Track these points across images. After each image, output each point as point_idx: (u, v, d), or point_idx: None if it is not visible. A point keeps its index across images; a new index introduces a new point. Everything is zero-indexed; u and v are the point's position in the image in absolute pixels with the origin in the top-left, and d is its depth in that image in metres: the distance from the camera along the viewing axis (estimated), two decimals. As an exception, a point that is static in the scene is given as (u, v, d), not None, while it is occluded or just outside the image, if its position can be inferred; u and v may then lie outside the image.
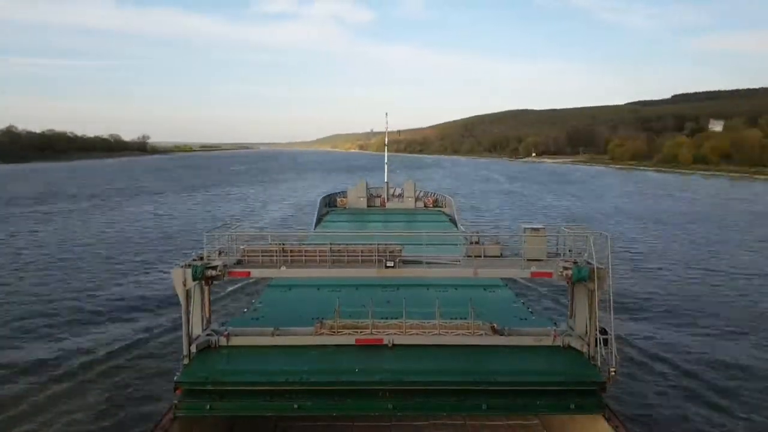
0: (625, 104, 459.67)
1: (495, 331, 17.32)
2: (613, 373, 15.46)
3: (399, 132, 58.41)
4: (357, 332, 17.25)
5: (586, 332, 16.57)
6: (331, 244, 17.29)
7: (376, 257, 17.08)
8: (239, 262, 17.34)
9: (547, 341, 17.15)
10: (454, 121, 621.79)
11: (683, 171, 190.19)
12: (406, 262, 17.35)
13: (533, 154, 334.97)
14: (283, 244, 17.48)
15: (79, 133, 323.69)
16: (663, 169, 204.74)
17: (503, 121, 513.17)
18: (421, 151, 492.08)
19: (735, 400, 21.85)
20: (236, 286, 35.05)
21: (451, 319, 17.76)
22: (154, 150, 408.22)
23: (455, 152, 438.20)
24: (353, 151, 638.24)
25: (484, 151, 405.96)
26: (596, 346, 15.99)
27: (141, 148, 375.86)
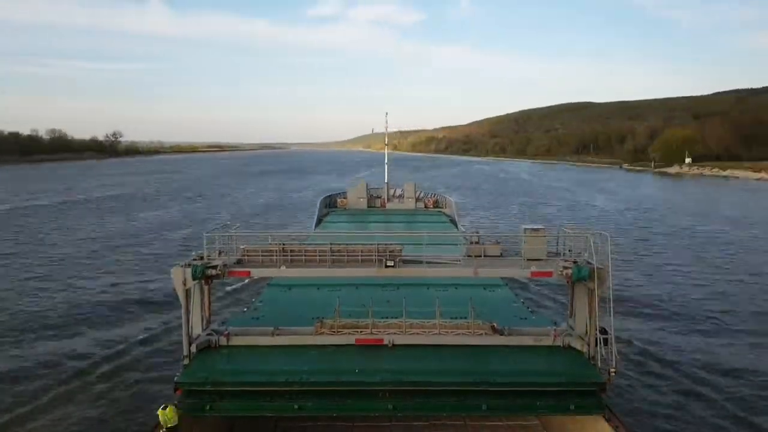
0: (712, 95, 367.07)
1: (495, 331, 17.31)
2: (613, 373, 15.46)
3: (399, 132, 58.24)
4: (357, 332, 17.25)
5: (586, 332, 16.56)
6: (331, 244, 17.29)
7: (376, 257, 17.09)
8: (239, 262, 17.34)
9: (547, 341, 17.14)
10: (501, 116, 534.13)
11: None
12: (406, 262, 17.35)
13: (687, 160, 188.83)
14: (283, 244, 17.49)
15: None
16: None
17: (562, 115, 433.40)
18: (467, 152, 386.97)
19: (736, 401, 21.83)
20: (236, 285, 35.07)
21: (451, 318, 17.75)
22: (135, 150, 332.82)
23: (520, 154, 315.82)
24: (373, 151, 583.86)
25: (571, 152, 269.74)
26: (596, 346, 15.99)
27: (100, 148, 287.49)
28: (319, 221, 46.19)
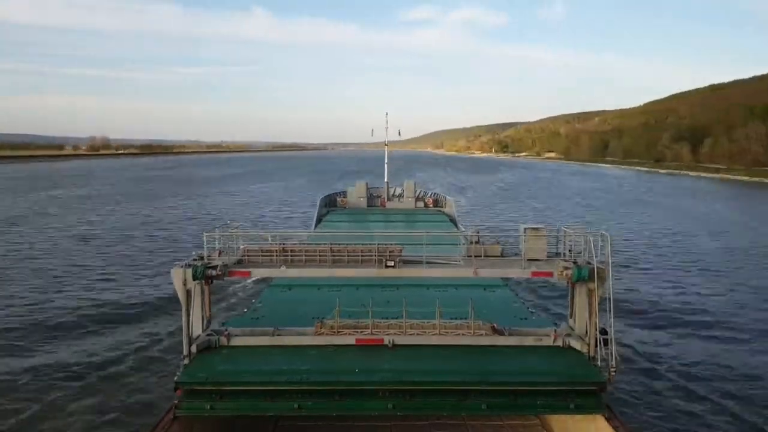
0: None
1: (495, 331, 17.32)
2: (614, 373, 15.48)
3: (399, 131, 58.25)
4: (357, 332, 17.26)
5: (586, 332, 16.58)
6: (331, 244, 17.30)
7: (376, 257, 17.10)
8: (239, 262, 17.35)
9: (548, 341, 17.15)
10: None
11: None
12: (406, 262, 17.36)
13: None
14: (284, 244, 17.50)
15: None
16: None
17: None
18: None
19: (736, 400, 21.86)
20: (236, 286, 35.10)
21: (451, 319, 17.76)
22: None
23: None
24: (456, 153, 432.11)
25: None
26: (596, 346, 16.01)
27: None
28: (319, 220, 46.24)
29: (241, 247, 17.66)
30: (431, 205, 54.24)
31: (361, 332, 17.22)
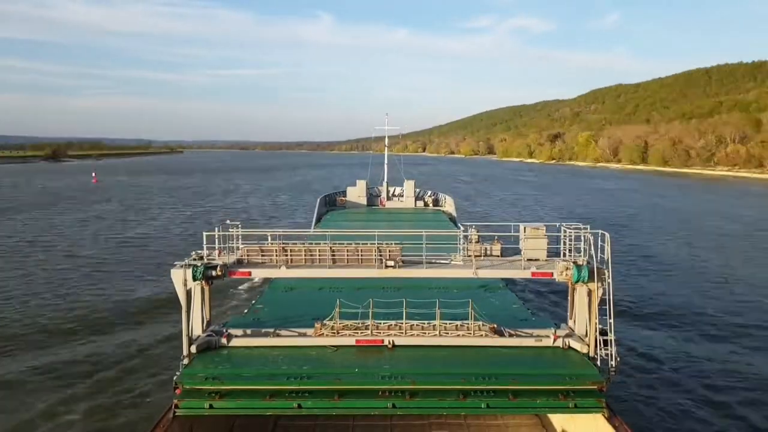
0: None
1: (495, 332, 17.32)
2: (614, 374, 15.47)
3: (400, 135, 58.37)
4: (357, 333, 17.26)
5: (587, 333, 16.57)
6: (331, 244, 17.28)
7: (376, 257, 17.10)
8: (239, 262, 17.33)
9: (548, 342, 17.14)
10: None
11: None
12: (406, 262, 17.36)
13: None
14: (284, 244, 17.47)
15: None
16: None
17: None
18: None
19: (736, 400, 21.85)
20: (236, 286, 35.09)
21: (451, 319, 17.75)
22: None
23: None
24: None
25: None
26: (596, 346, 16.00)
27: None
28: (318, 219, 46.22)
29: (241, 247, 17.64)
30: (431, 205, 54.27)
31: (361, 333, 17.21)
